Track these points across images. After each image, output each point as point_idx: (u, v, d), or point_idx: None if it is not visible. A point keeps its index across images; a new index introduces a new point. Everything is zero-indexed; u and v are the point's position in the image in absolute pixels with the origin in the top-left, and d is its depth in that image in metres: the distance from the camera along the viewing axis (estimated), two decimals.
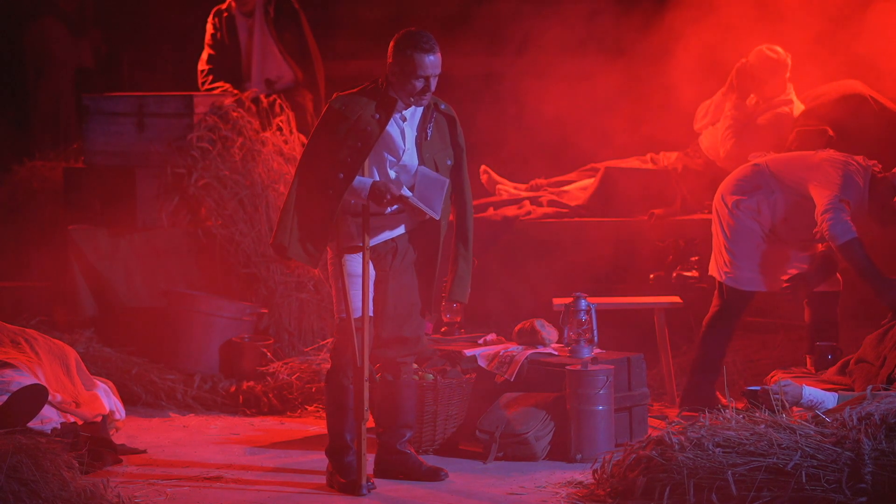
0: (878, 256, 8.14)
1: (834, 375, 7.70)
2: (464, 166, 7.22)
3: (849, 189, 7.97)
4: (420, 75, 6.94)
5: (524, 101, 10.38)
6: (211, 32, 10.26)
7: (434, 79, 6.98)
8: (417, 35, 6.97)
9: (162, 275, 9.70)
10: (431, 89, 6.99)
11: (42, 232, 10.45)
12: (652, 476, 6.48)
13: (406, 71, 6.94)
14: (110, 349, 9.36)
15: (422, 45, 6.93)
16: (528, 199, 9.67)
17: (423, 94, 6.99)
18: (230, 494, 7.07)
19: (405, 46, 6.95)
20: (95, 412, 7.99)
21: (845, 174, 8.02)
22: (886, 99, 9.48)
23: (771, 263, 8.19)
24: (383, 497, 7.02)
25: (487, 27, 11.23)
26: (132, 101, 9.84)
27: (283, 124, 9.80)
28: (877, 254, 8.37)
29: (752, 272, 8.17)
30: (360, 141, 6.97)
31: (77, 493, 6.57)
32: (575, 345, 7.97)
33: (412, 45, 6.93)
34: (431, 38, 6.98)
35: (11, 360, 7.84)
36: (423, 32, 6.99)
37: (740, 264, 8.17)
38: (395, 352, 7.27)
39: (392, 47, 6.99)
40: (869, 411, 6.36)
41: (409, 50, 6.93)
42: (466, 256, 7.23)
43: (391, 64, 6.99)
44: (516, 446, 7.59)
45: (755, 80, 9.54)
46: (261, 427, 8.57)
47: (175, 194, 9.69)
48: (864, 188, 8.03)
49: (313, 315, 9.58)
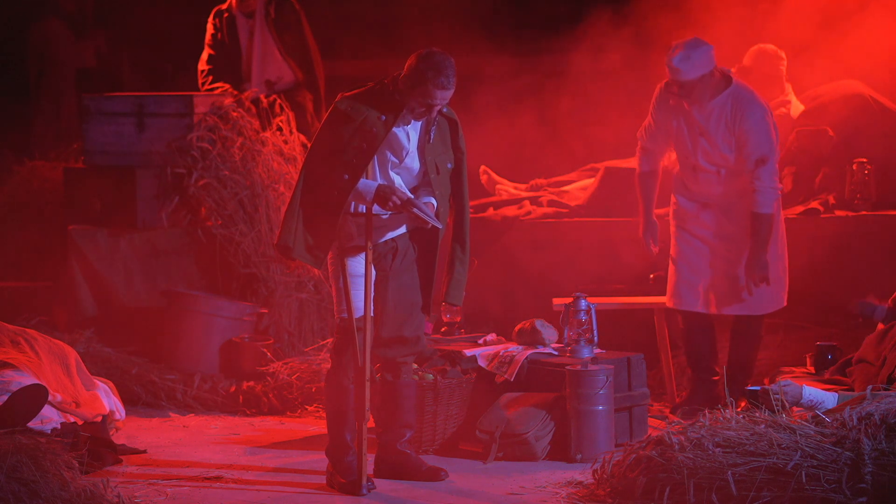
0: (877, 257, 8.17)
1: (834, 375, 7.70)
2: (464, 170, 7.21)
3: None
4: (428, 104, 6.94)
5: (525, 101, 10.38)
6: (211, 33, 10.26)
7: (439, 107, 6.97)
8: (441, 66, 6.87)
9: (162, 275, 9.70)
10: (433, 115, 6.99)
11: (42, 232, 10.45)
12: (652, 476, 6.48)
13: (416, 93, 6.92)
14: (110, 349, 9.36)
15: (440, 79, 6.86)
16: (528, 199, 9.67)
17: (421, 116, 7.00)
18: (230, 494, 7.07)
19: (425, 70, 6.88)
20: (95, 412, 7.99)
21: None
22: (887, 99, 9.49)
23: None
24: (383, 497, 7.02)
25: (488, 27, 11.23)
26: (132, 101, 9.84)
27: (283, 124, 9.80)
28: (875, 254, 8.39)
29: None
30: (365, 142, 6.97)
31: (77, 493, 6.57)
32: (575, 345, 7.97)
33: (432, 76, 6.86)
34: (453, 70, 6.90)
35: (12, 361, 7.85)
36: (447, 62, 6.89)
37: None
38: (395, 352, 7.27)
39: (413, 63, 6.93)
40: (869, 411, 6.36)
41: (427, 77, 6.87)
42: (463, 259, 7.23)
43: (405, 77, 6.95)
44: (516, 446, 7.59)
45: (754, 80, 9.54)
46: (261, 427, 8.57)
47: (175, 194, 9.69)
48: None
49: (313, 315, 9.58)
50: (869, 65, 9.54)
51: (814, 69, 9.70)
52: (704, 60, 8.03)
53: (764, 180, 8.09)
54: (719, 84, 8.13)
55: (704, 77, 8.07)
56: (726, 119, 8.11)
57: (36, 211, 10.60)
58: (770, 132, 8.13)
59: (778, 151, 8.21)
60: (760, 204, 8.10)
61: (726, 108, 8.11)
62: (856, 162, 9.22)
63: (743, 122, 8.09)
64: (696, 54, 8.01)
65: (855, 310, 8.08)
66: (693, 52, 8.00)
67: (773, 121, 8.19)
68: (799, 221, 9.07)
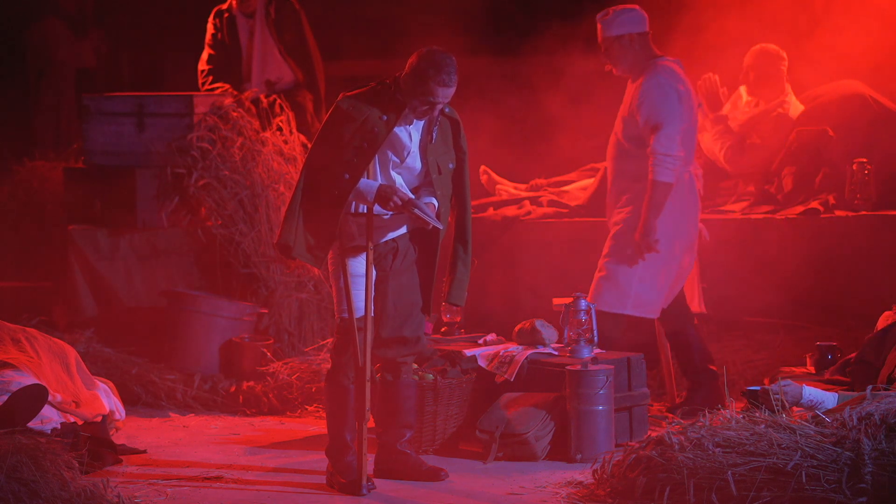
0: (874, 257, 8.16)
1: (834, 375, 7.69)
2: (465, 170, 7.21)
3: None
4: (429, 101, 6.93)
5: (525, 101, 10.38)
6: (212, 33, 10.27)
7: (441, 105, 6.97)
8: (442, 64, 6.89)
9: (162, 275, 9.70)
10: (434, 113, 6.99)
11: (42, 232, 10.45)
12: (652, 476, 6.48)
13: (417, 91, 6.92)
14: (110, 349, 9.36)
15: (441, 77, 6.87)
16: (528, 199, 9.67)
17: (423, 115, 6.99)
18: (230, 494, 7.07)
19: (426, 68, 6.89)
20: (95, 412, 7.99)
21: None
22: (887, 99, 9.49)
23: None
24: (383, 497, 7.02)
25: (488, 27, 11.23)
26: (132, 101, 9.84)
27: (283, 124, 9.80)
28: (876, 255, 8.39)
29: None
30: (366, 141, 6.97)
31: (77, 493, 6.57)
32: (575, 345, 7.97)
33: (433, 73, 6.87)
34: (454, 68, 6.91)
35: (12, 360, 7.85)
36: (449, 60, 6.91)
37: None
38: (396, 352, 7.27)
39: (414, 62, 6.94)
40: (869, 411, 6.36)
41: (428, 75, 6.88)
42: (465, 260, 7.22)
43: (407, 75, 6.95)
44: (516, 446, 7.59)
45: (754, 80, 9.55)
46: (261, 427, 8.57)
47: (175, 194, 9.69)
48: None
49: (313, 315, 9.58)
50: (869, 65, 9.54)
51: (814, 69, 9.71)
52: (623, 21, 8.21)
53: (656, 147, 8.09)
54: (641, 59, 8.19)
55: (623, 39, 8.21)
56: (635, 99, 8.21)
57: (36, 211, 10.61)
58: (667, 100, 8.10)
59: (679, 122, 8.12)
60: (652, 171, 8.11)
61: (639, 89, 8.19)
62: (856, 162, 9.21)
63: (639, 90, 8.15)
64: (617, 13, 8.25)
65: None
66: (615, 11, 8.26)
67: (679, 94, 8.13)
68: (799, 221, 9.07)
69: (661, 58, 8.24)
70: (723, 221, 9.20)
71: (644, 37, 8.24)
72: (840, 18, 9.61)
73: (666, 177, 8.09)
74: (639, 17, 8.25)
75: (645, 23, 8.26)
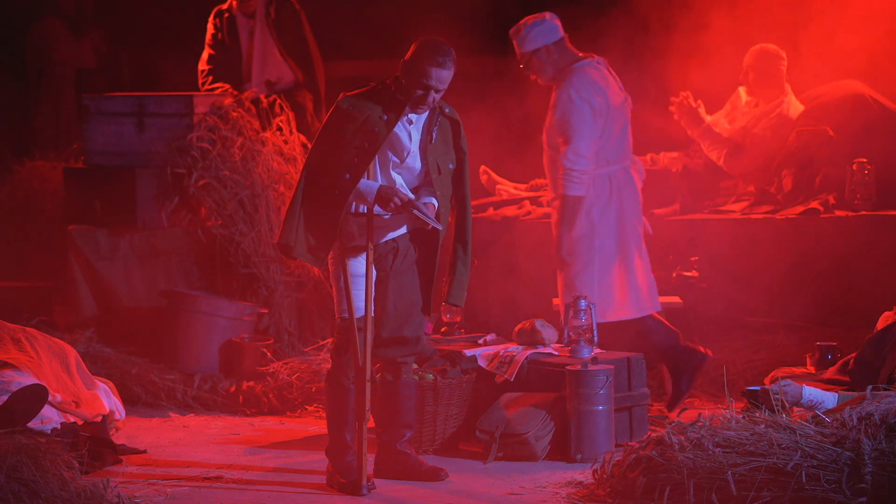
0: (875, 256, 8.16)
1: (834, 375, 7.69)
2: (465, 170, 7.21)
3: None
4: (424, 83, 6.93)
5: (525, 101, 10.37)
6: (212, 33, 10.26)
7: (436, 92, 6.96)
8: (437, 47, 6.94)
9: (162, 275, 9.70)
10: (429, 102, 6.98)
11: (42, 232, 10.45)
12: (652, 476, 6.48)
13: (412, 74, 6.93)
14: (110, 349, 9.36)
15: (437, 57, 6.91)
16: (528, 199, 9.67)
17: (419, 104, 6.99)
18: (230, 494, 7.07)
19: (422, 52, 6.94)
20: (95, 412, 8.00)
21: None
22: (887, 99, 9.49)
23: None
24: (383, 497, 7.02)
25: (489, 27, 11.23)
26: (132, 101, 9.84)
27: (283, 124, 9.80)
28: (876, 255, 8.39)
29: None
30: (366, 141, 6.97)
31: (77, 493, 6.57)
32: (575, 345, 7.97)
33: (428, 55, 6.91)
34: (450, 54, 6.95)
35: (12, 360, 7.85)
36: (445, 46, 6.95)
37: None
38: (396, 352, 7.27)
39: (412, 49, 6.99)
40: (869, 411, 6.36)
41: (423, 56, 6.92)
42: (465, 260, 7.22)
43: (404, 62, 6.99)
44: (516, 446, 7.59)
45: (754, 80, 9.55)
46: (261, 427, 8.57)
47: (175, 194, 9.69)
48: None
49: (313, 315, 9.58)
50: (868, 65, 9.54)
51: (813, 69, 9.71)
52: (535, 35, 8.18)
53: (564, 161, 8.12)
54: (562, 66, 8.19)
55: (539, 52, 8.19)
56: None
57: (36, 211, 10.61)
58: (575, 113, 8.09)
59: (588, 136, 8.11)
60: (561, 185, 8.15)
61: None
62: (856, 162, 9.22)
63: (553, 101, 8.18)
64: (528, 28, 8.21)
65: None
66: (526, 26, 8.21)
67: (592, 105, 8.11)
68: (799, 221, 9.07)
69: (582, 61, 8.20)
70: (723, 221, 9.21)
71: (560, 44, 8.20)
72: (840, 18, 9.60)
73: (574, 190, 8.13)
74: (550, 26, 8.20)
75: (558, 30, 8.21)
